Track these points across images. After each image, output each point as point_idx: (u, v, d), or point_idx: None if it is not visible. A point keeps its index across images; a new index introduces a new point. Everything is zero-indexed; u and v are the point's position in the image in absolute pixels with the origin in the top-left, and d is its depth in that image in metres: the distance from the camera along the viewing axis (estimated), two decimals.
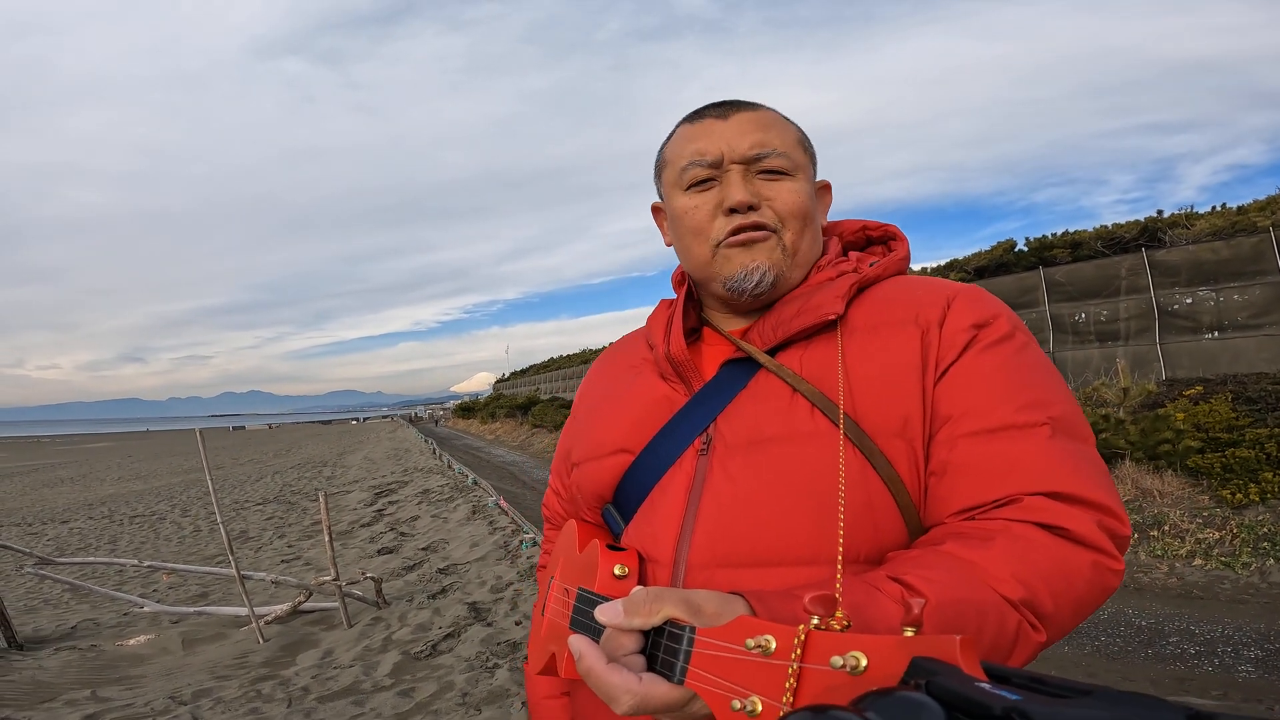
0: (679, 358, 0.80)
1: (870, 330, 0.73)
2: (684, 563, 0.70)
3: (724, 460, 0.72)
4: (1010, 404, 0.67)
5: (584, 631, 0.69)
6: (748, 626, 0.47)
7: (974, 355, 0.70)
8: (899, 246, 0.85)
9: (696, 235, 0.80)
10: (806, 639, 0.43)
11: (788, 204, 0.78)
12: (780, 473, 0.69)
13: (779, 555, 0.67)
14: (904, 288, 0.78)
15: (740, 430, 0.73)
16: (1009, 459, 0.65)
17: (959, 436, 0.67)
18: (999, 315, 0.73)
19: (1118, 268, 10.91)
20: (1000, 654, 0.57)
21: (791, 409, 0.71)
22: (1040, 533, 0.61)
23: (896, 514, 0.68)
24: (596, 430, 0.86)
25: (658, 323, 0.86)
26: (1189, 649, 3.80)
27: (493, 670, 3.45)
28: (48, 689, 3.85)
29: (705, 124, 0.81)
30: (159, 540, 9.61)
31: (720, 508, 0.70)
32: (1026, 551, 0.59)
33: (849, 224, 0.91)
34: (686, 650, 0.52)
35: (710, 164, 0.79)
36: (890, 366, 0.70)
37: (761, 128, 0.80)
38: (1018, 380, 0.69)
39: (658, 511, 0.75)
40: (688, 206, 0.80)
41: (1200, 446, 6.07)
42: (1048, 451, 0.65)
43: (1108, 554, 0.62)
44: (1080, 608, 0.61)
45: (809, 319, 0.74)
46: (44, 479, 22.57)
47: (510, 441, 24.39)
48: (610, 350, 0.99)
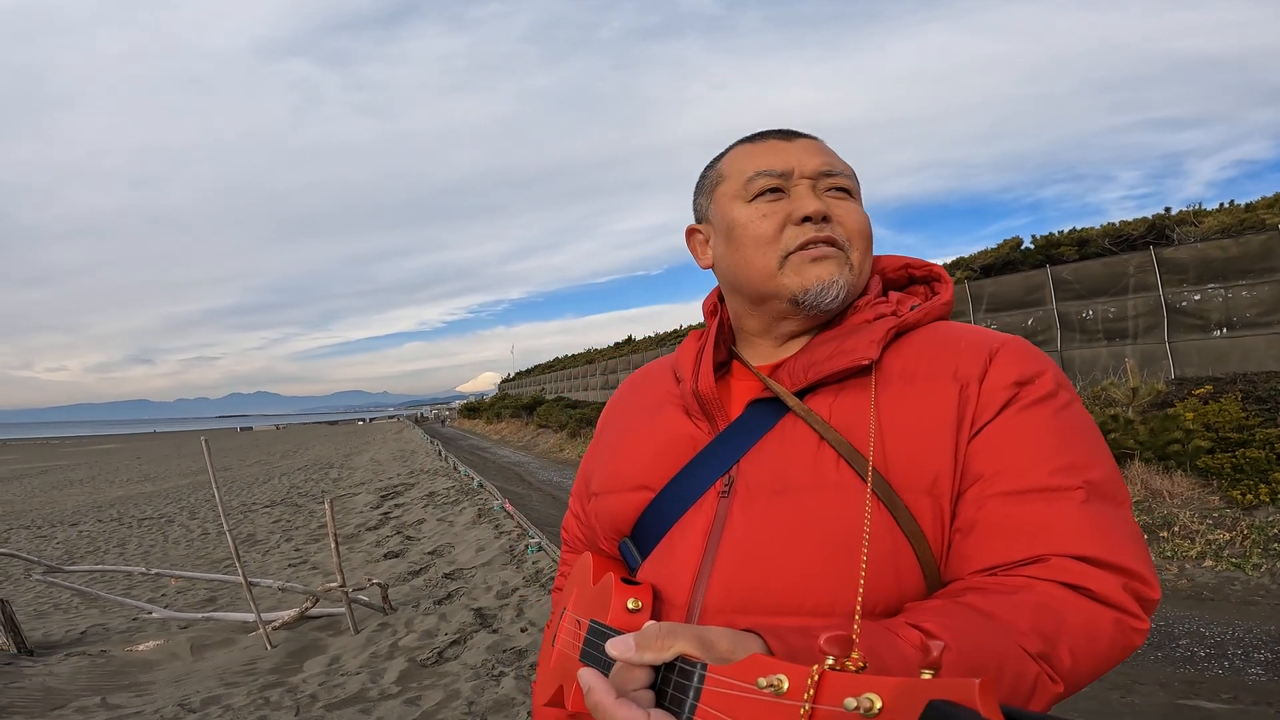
0: (706, 395, 0.79)
1: (907, 380, 0.72)
2: (699, 606, 0.69)
3: (745, 505, 0.71)
4: (1046, 466, 0.66)
5: (594, 664, 0.68)
6: (760, 665, 0.47)
7: (1013, 414, 0.69)
8: (943, 290, 0.83)
9: (761, 244, 0.78)
10: (820, 679, 0.42)
11: (856, 223, 0.79)
12: (803, 522, 0.68)
13: (797, 605, 0.66)
14: (945, 336, 0.76)
15: (764, 475, 0.72)
16: (1039, 521, 0.64)
17: (989, 496, 0.66)
18: (1043, 373, 0.72)
19: (1126, 265, 10.83)
20: (1017, 703, 0.56)
21: (818, 458, 0.70)
22: (1064, 590, 0.61)
23: (917, 569, 0.67)
24: (619, 462, 0.85)
25: (687, 356, 0.85)
26: (1199, 651, 3.77)
27: (499, 679, 3.45)
28: (58, 695, 3.88)
29: (770, 143, 0.82)
30: (168, 544, 9.66)
31: (739, 553, 0.69)
32: (1048, 607, 0.59)
33: (891, 260, 0.89)
34: (697, 687, 0.51)
35: (780, 174, 0.79)
36: (924, 421, 0.69)
37: (825, 152, 0.82)
38: (1056, 441, 0.68)
39: (675, 552, 0.74)
40: (753, 216, 0.79)
41: (1210, 446, 6.03)
42: (1080, 516, 0.64)
43: (1132, 614, 0.62)
44: (1100, 664, 0.61)
45: (842, 362, 0.72)
46: (54, 481, 22.73)
47: (515, 442, 24.43)
48: (638, 377, 0.98)
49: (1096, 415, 7.11)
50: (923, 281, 0.87)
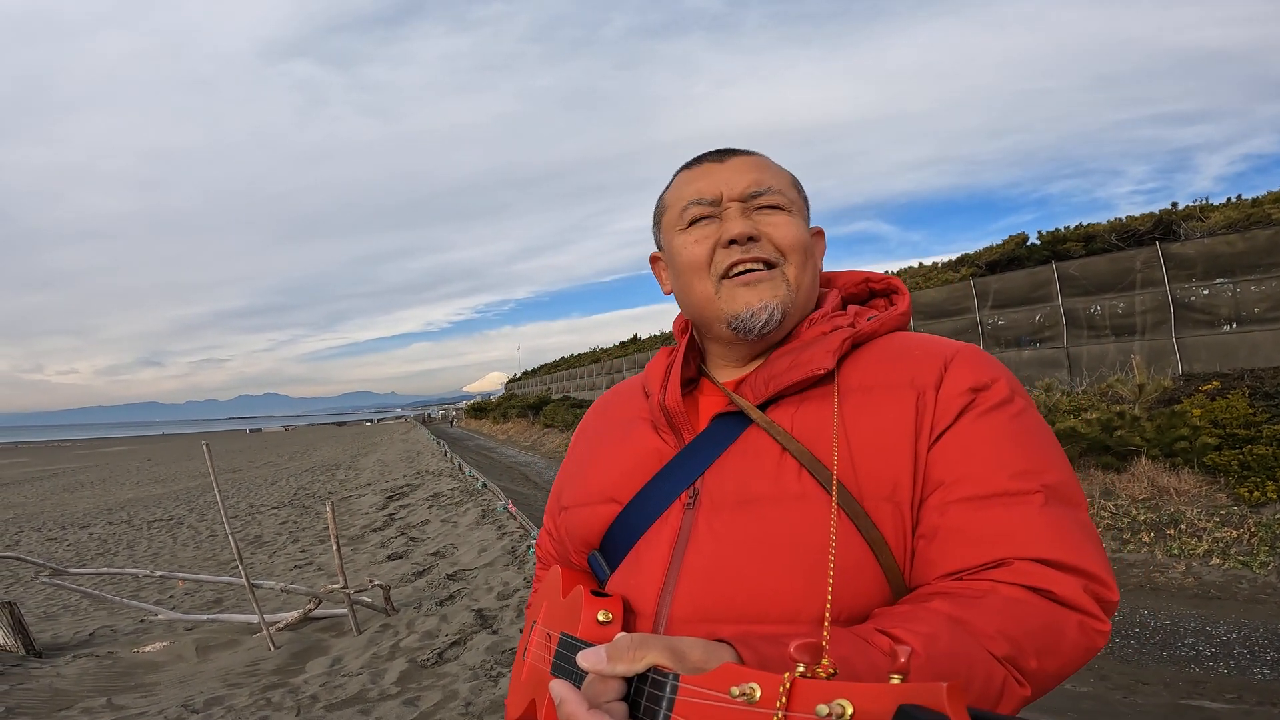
0: (673, 409, 0.80)
1: (865, 390, 0.74)
2: (666, 617, 0.71)
3: (709, 516, 0.72)
4: (1005, 471, 0.67)
5: (566, 677, 0.69)
6: (732, 674, 0.47)
7: (970, 420, 0.70)
8: (900, 301, 0.85)
9: (696, 271, 0.81)
10: (792, 687, 0.43)
11: (788, 237, 0.79)
12: (766, 532, 0.69)
13: (762, 614, 0.67)
14: (901, 346, 0.77)
15: (727, 487, 0.73)
16: (1000, 525, 0.65)
17: (951, 502, 0.68)
18: (997, 379, 0.73)
19: (1132, 261, 10.75)
20: (985, 706, 0.57)
21: (780, 469, 0.71)
22: (1027, 594, 0.62)
23: (880, 576, 0.68)
24: (588, 477, 0.87)
25: (656, 372, 0.87)
26: (1204, 650, 3.74)
27: (496, 680, 3.46)
28: (65, 697, 3.92)
29: (703, 168, 0.84)
30: (176, 545, 9.74)
31: (704, 563, 0.70)
32: (1013, 610, 0.61)
33: (851, 275, 0.91)
34: (670, 698, 0.51)
35: (709, 202, 0.81)
36: (883, 429, 0.70)
37: (757, 169, 0.82)
38: (1013, 447, 0.69)
39: (642, 564, 0.75)
40: (687, 242, 0.81)
41: (1217, 443, 5.97)
42: (1040, 519, 0.65)
43: (1093, 616, 0.63)
44: (1064, 667, 0.62)
45: (799, 374, 0.74)
46: (65, 483, 22.96)
47: (522, 442, 24.49)
48: (609, 396, 1.00)
49: (1103, 412, 7.06)
50: (882, 294, 0.89)
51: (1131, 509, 5.89)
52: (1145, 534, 5.50)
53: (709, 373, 0.86)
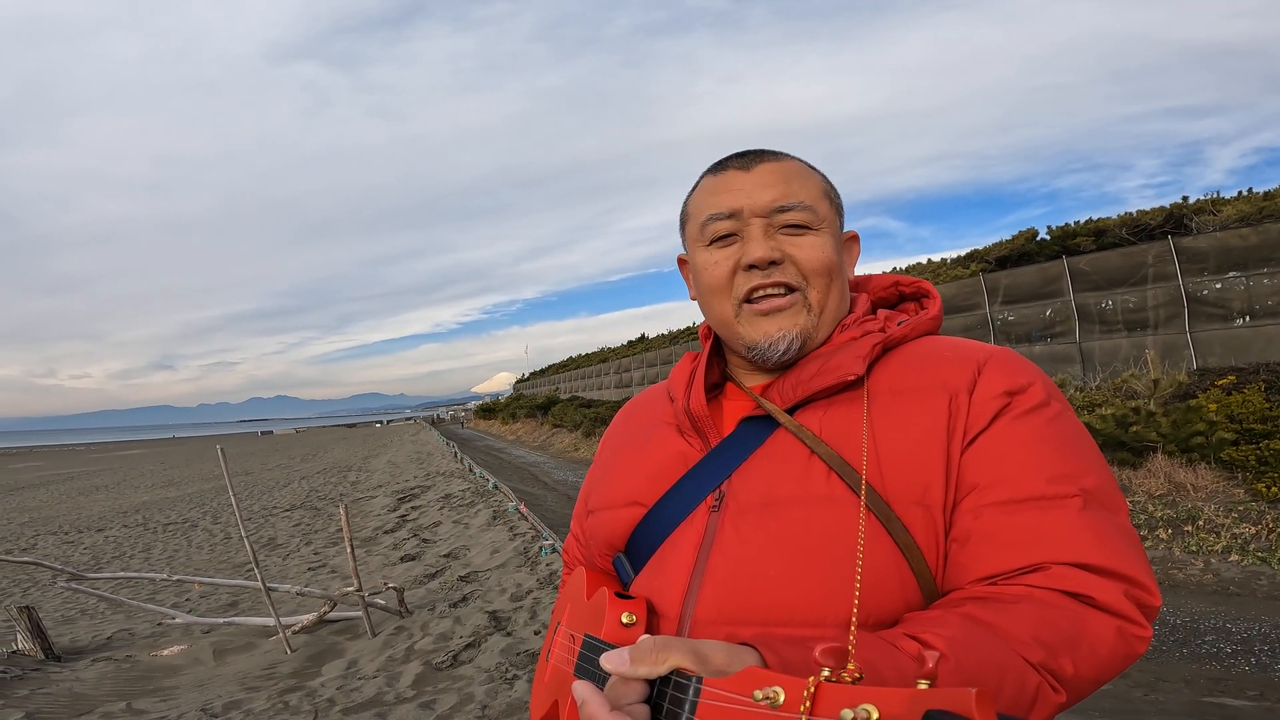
0: (698, 413, 0.80)
1: (895, 394, 0.72)
2: (690, 619, 0.70)
3: (735, 519, 0.72)
4: (1041, 475, 0.66)
5: (589, 679, 0.68)
6: (756, 678, 0.47)
7: (1005, 424, 0.69)
8: (930, 305, 0.83)
9: (717, 292, 0.79)
10: (816, 691, 0.42)
11: (812, 260, 0.77)
12: (792, 535, 0.68)
13: (787, 617, 0.66)
14: (932, 350, 0.76)
15: (754, 489, 0.72)
16: (1037, 529, 0.64)
17: (986, 505, 0.66)
18: (1033, 383, 0.72)
19: (1144, 255, 10.66)
20: (1019, 713, 0.55)
21: (808, 472, 0.70)
22: (1065, 599, 0.60)
23: (912, 579, 0.67)
24: (613, 481, 0.87)
25: (681, 376, 0.86)
26: (1225, 647, 3.70)
27: (512, 682, 3.47)
28: (85, 701, 3.96)
29: (727, 176, 0.80)
30: (191, 549, 9.82)
31: (729, 566, 0.70)
32: (1049, 615, 0.59)
33: (880, 279, 0.90)
34: (692, 701, 0.51)
35: (730, 217, 0.78)
36: (914, 432, 0.69)
37: (785, 179, 0.78)
38: (1050, 450, 0.67)
39: (666, 566, 0.75)
40: (708, 262, 0.79)
41: (1234, 438, 5.91)
42: (1078, 523, 0.64)
43: (1134, 621, 0.61)
44: (1102, 673, 0.60)
45: (828, 379, 0.73)
46: (80, 487, 23.20)
47: (531, 442, 24.55)
48: (635, 402, 1.00)
49: (1118, 407, 7.01)
50: (912, 298, 0.88)
51: (1148, 505, 5.85)
52: (1163, 530, 5.45)
53: (735, 377, 0.85)
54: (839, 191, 0.85)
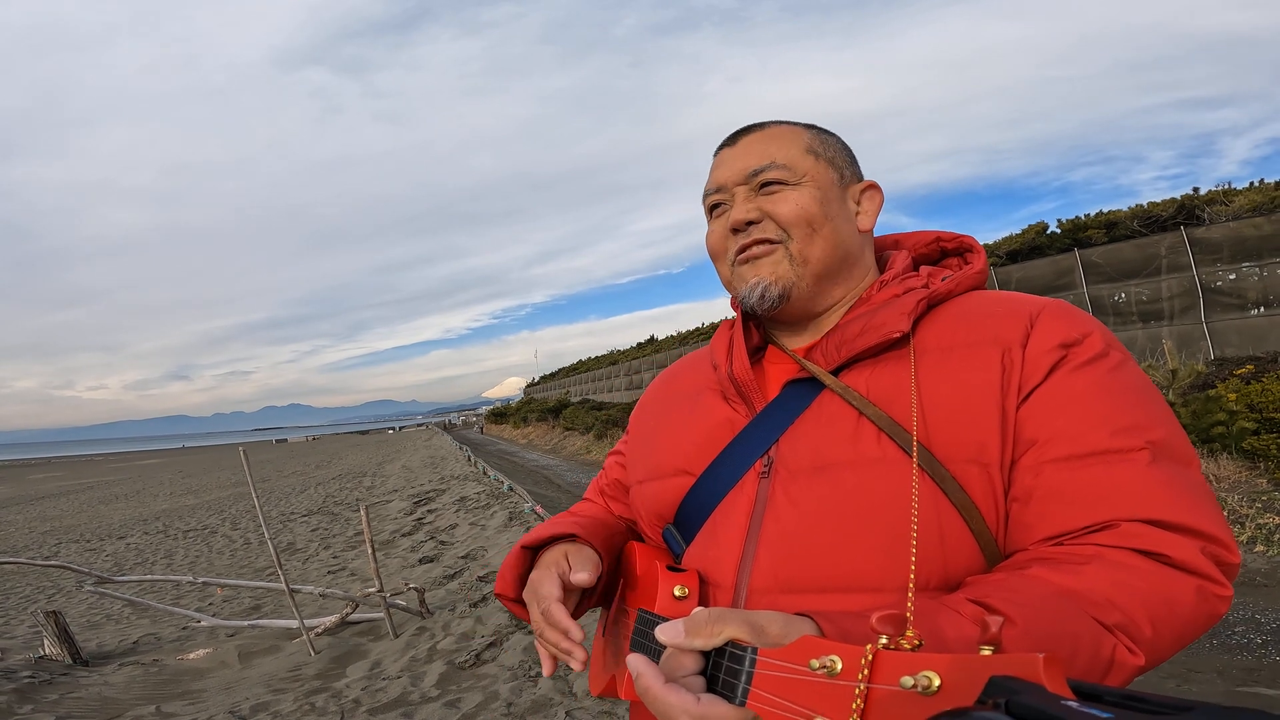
0: (741, 378, 0.79)
1: (944, 351, 0.70)
2: (745, 587, 0.70)
3: (786, 484, 0.71)
4: (1105, 428, 0.63)
5: (644, 652, 0.70)
6: (812, 646, 0.46)
7: (1063, 376, 0.66)
8: (975, 260, 0.82)
9: (717, 257, 0.85)
10: (875, 659, 0.42)
11: (787, 212, 0.78)
12: (846, 499, 0.67)
13: (845, 582, 0.66)
14: (980, 304, 0.74)
15: (803, 454, 0.71)
16: (1104, 485, 0.61)
17: (1046, 462, 0.64)
18: (1091, 332, 0.69)
19: (1157, 246, 10.56)
20: (1094, 678, 0.53)
21: (858, 433, 0.69)
22: (1138, 558, 0.58)
23: (971, 541, 0.65)
24: (659, 451, 0.86)
25: (721, 342, 0.86)
26: (1255, 638, 3.67)
27: (536, 679, 3.49)
28: (114, 705, 4.01)
29: (720, 154, 0.85)
30: (212, 554, 9.92)
31: (783, 532, 0.69)
32: (1123, 576, 0.57)
33: (921, 235, 0.89)
34: (748, 671, 0.51)
35: (719, 190, 0.83)
36: (965, 389, 0.67)
37: (763, 144, 0.81)
38: (1113, 402, 0.64)
39: (718, 535, 0.74)
40: (709, 233, 0.86)
41: (1255, 428, 5.85)
42: (1147, 477, 0.61)
43: (1213, 580, 0.58)
44: (1183, 635, 0.58)
45: (873, 338, 0.72)
46: (100, 496, 23.45)
47: (543, 445, 24.59)
48: (675, 369, 0.99)
49: None
50: (955, 254, 0.87)
51: None
52: None
53: (776, 340, 0.84)
54: (844, 145, 0.85)
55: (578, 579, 0.75)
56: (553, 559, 0.79)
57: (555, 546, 0.82)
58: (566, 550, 0.80)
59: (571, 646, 0.71)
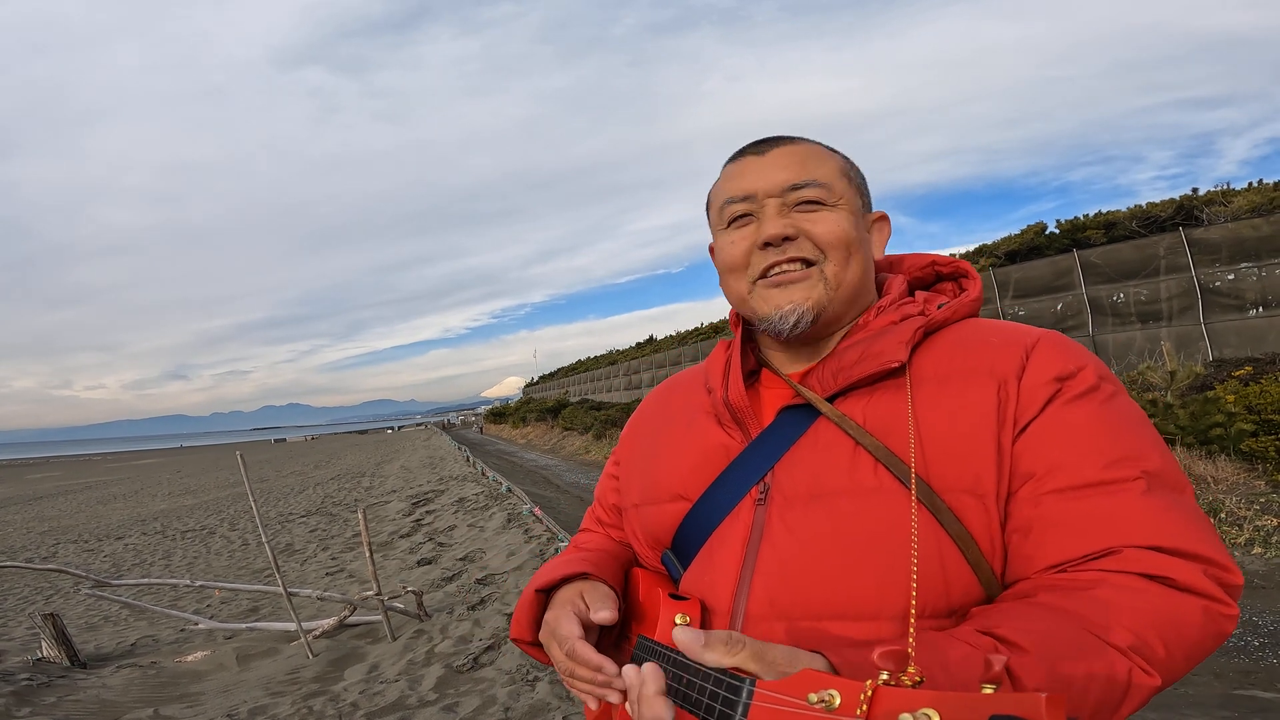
0: (737, 404, 0.79)
1: (940, 381, 0.71)
2: (742, 613, 0.70)
3: (783, 511, 0.71)
4: (1100, 459, 0.64)
5: None
6: (811, 680, 0.46)
7: (1058, 409, 0.67)
8: (970, 286, 0.81)
9: (733, 271, 0.80)
10: (874, 695, 0.41)
11: (827, 234, 0.76)
12: (843, 528, 0.67)
13: (841, 609, 0.66)
14: (976, 334, 0.74)
15: (800, 481, 0.71)
16: (1104, 513, 0.62)
17: (1045, 493, 0.64)
18: (1085, 365, 0.70)
19: (1156, 247, 10.58)
20: (1112, 703, 0.54)
21: (854, 463, 0.69)
22: (1144, 581, 0.58)
23: (968, 571, 0.66)
24: (654, 475, 0.85)
25: (716, 366, 0.85)
26: (1253, 641, 3.67)
27: (533, 684, 3.49)
28: (113, 708, 4.01)
29: (744, 162, 0.81)
30: (210, 555, 9.91)
31: (780, 560, 0.69)
32: (1131, 599, 0.57)
33: (915, 259, 0.88)
34: (745, 703, 0.51)
35: (745, 199, 0.79)
36: (962, 421, 0.68)
37: (799, 160, 0.79)
38: (1107, 434, 0.66)
39: (715, 561, 0.74)
40: (725, 243, 0.81)
41: (1253, 429, 5.85)
42: (1145, 506, 0.62)
43: (1219, 600, 0.59)
44: (1193, 654, 0.58)
45: (870, 366, 0.72)
46: (98, 496, 23.42)
47: (542, 445, 24.58)
48: (665, 389, 0.98)
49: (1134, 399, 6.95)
50: (949, 278, 0.86)
51: None
52: None
53: (770, 364, 0.83)
54: (863, 174, 0.85)
55: (599, 617, 0.74)
56: (567, 598, 0.78)
57: (569, 586, 0.81)
58: (581, 589, 0.79)
59: (608, 679, 0.70)
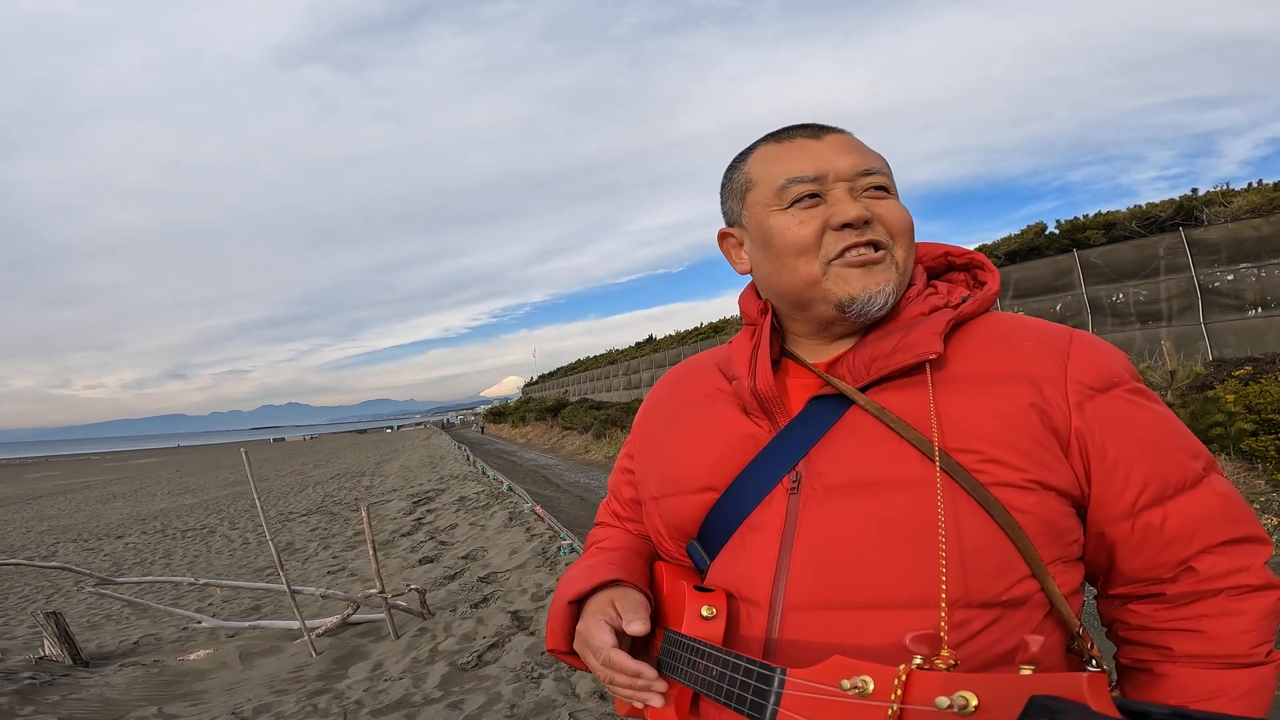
0: (766, 393, 0.77)
1: (978, 378, 0.72)
2: (781, 604, 0.70)
3: (821, 501, 0.71)
4: (1179, 455, 0.71)
5: (672, 674, 0.72)
6: (844, 667, 0.46)
7: (1108, 408, 0.71)
8: (989, 279, 0.81)
9: (804, 252, 0.75)
10: (908, 679, 0.41)
11: (898, 220, 0.76)
12: (884, 517, 0.68)
13: (885, 599, 0.66)
14: (1007, 331, 0.75)
15: (836, 471, 0.71)
16: (1186, 518, 0.70)
17: (1119, 498, 0.70)
18: (1121, 361, 0.74)
19: (1155, 247, 10.60)
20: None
21: (898, 454, 0.69)
22: (1241, 599, 0.69)
23: (1019, 560, 0.67)
24: (677, 465, 0.84)
25: (741, 353, 0.82)
26: None
27: (538, 681, 3.50)
28: (116, 706, 4.01)
29: (798, 143, 0.79)
30: (211, 554, 9.91)
31: (821, 549, 0.69)
32: (1243, 622, 0.69)
33: (929, 248, 0.87)
34: (777, 691, 0.51)
35: (815, 180, 0.76)
36: (1004, 418, 0.69)
37: (858, 149, 0.79)
38: (1171, 431, 0.72)
39: (749, 550, 0.74)
40: (790, 224, 0.76)
41: (1253, 429, 5.87)
42: (1214, 500, 0.71)
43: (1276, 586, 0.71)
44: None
45: (907, 357, 0.71)
46: (97, 495, 23.40)
47: (542, 445, 24.58)
48: (676, 376, 0.95)
49: None
50: (962, 269, 0.85)
51: None
52: None
53: (795, 353, 0.82)
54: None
55: (633, 629, 0.74)
56: (599, 606, 0.79)
57: (600, 594, 0.81)
58: (613, 597, 0.79)
59: (648, 683, 0.71)
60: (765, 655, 0.69)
